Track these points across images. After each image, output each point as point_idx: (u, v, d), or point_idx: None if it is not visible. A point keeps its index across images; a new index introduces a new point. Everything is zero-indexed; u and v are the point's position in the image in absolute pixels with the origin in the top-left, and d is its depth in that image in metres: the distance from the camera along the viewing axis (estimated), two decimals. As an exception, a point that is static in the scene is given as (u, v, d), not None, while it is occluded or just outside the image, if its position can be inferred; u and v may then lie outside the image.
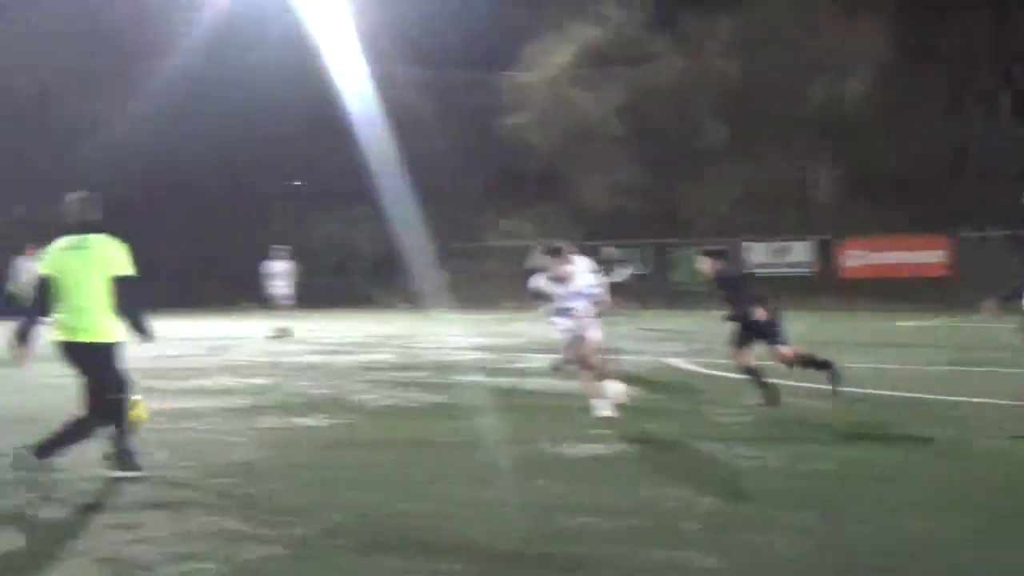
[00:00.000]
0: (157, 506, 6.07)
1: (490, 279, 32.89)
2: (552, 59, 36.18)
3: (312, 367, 14.57)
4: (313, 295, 23.01)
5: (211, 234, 38.82)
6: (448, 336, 19.65)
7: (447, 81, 37.59)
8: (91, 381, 6.77)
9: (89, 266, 6.71)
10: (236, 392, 11.60)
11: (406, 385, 12.06)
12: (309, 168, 38.10)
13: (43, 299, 6.75)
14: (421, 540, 5.36)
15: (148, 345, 7.00)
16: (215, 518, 5.79)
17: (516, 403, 10.46)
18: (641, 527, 5.57)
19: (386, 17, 35.98)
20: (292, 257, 22.57)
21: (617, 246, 25.22)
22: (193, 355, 16.72)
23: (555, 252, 9.92)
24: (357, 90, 36.73)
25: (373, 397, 11.05)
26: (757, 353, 9.92)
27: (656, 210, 33.31)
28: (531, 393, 10.67)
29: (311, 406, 10.35)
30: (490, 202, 37.96)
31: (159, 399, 10.88)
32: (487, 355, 15.68)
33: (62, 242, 6.85)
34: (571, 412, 9.35)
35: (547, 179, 36.97)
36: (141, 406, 8.26)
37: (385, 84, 37.01)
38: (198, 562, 4.96)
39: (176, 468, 7.18)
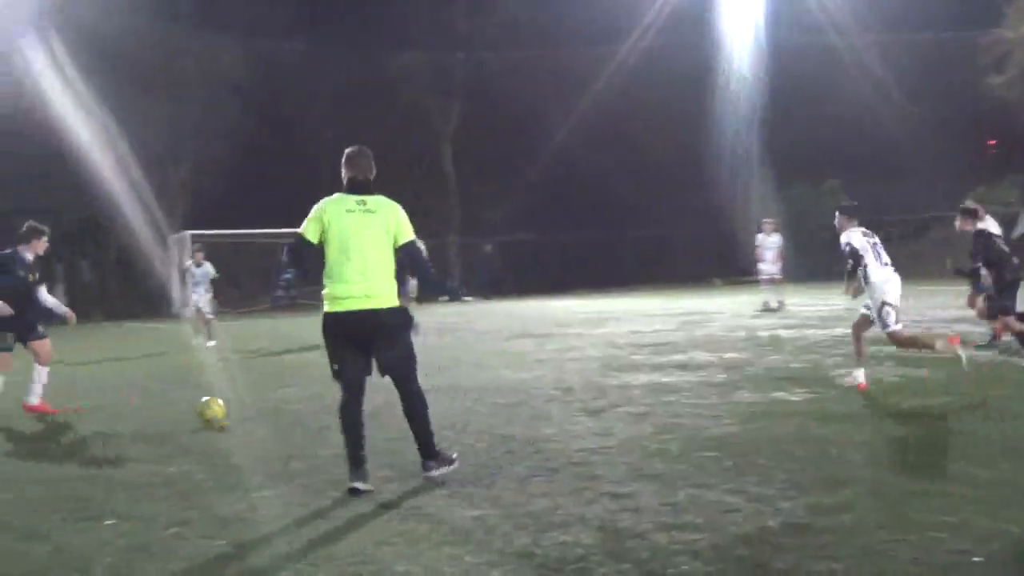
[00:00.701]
0: (645, 477, 6.17)
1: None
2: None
3: (785, 341, 14.26)
4: (782, 268, 22.63)
5: (678, 213, 39.75)
6: (925, 308, 18.35)
7: (922, 45, 35.60)
8: (386, 353, 6.28)
9: (376, 229, 6.20)
10: (711, 366, 11.63)
11: (883, 360, 11.40)
12: (775, 141, 37.74)
13: (298, 260, 6.36)
14: (945, 521, 4.94)
15: (456, 302, 6.75)
16: (701, 490, 5.76)
17: (1006, 377, 9.60)
18: None
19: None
20: (779, 230, 22.33)
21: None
22: (665, 330, 17.10)
23: (852, 212, 9.02)
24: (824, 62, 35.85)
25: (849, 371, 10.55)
26: None
27: None
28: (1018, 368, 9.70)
29: (788, 380, 10.10)
30: (970, 167, 35.17)
31: (640, 373, 11.26)
32: (972, 328, 14.33)
33: (343, 202, 6.28)
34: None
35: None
36: (217, 405, 8.59)
37: (854, 52, 35.72)
38: (687, 532, 4.95)
39: (660, 441, 7.27)
